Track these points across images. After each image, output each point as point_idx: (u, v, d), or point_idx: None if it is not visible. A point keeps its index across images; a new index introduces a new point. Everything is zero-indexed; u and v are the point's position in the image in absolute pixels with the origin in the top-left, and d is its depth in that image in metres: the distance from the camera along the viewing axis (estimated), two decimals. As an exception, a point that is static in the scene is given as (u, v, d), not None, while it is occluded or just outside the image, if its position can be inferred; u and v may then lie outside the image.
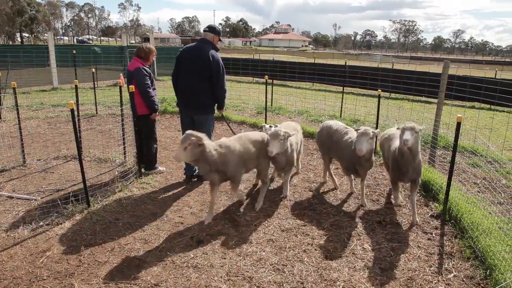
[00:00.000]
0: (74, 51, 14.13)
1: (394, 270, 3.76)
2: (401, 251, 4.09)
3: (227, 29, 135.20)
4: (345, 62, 16.64)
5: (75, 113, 4.70)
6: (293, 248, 4.07)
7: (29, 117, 9.87)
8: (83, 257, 3.83)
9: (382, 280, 3.59)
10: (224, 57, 23.36)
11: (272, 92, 11.61)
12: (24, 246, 4.02)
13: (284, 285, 3.48)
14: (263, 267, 3.74)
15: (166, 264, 3.75)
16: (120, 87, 6.19)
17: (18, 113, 6.52)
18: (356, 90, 15.87)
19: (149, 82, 5.73)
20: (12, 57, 15.63)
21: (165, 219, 4.65)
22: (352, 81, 15.18)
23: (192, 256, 3.90)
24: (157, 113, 5.94)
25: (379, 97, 7.30)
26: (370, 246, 4.18)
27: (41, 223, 4.44)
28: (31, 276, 3.55)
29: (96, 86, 11.36)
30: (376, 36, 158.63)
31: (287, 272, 3.66)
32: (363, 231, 4.48)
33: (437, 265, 3.87)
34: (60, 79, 16.32)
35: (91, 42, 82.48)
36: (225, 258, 3.86)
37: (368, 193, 5.55)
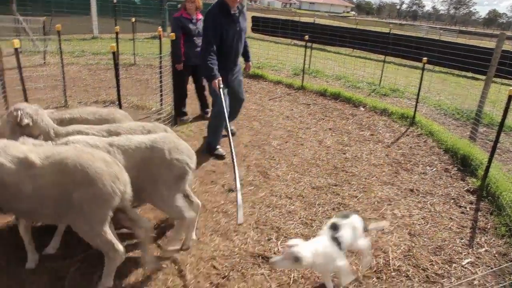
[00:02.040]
0: (115, 1, 14.15)
1: (423, 237, 3.71)
2: (432, 220, 4.02)
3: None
4: (390, 30, 15.94)
5: (116, 58, 4.71)
6: (322, 205, 4.08)
7: (71, 63, 10.10)
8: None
9: (409, 245, 3.56)
10: (264, 17, 22.90)
11: (310, 54, 11.34)
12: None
13: (311, 238, 3.50)
14: (291, 220, 3.78)
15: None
16: (160, 36, 6.20)
17: (61, 56, 6.66)
18: (399, 60, 15.28)
19: (180, 33, 5.75)
20: (55, 5, 15.85)
21: (197, 165, 4.73)
22: (395, 49, 14.57)
23: (223, 202, 3.98)
24: (180, 65, 5.90)
25: (423, 66, 6.98)
26: (400, 212, 4.12)
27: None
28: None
29: (134, 37, 11.41)
30: (424, 6, 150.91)
31: (315, 227, 3.69)
32: (395, 197, 4.42)
33: (468, 238, 3.78)
34: (100, 29, 16.52)
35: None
36: (254, 208, 3.92)
37: (402, 161, 5.43)
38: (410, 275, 3.19)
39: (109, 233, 2.56)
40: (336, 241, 2.74)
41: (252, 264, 3.14)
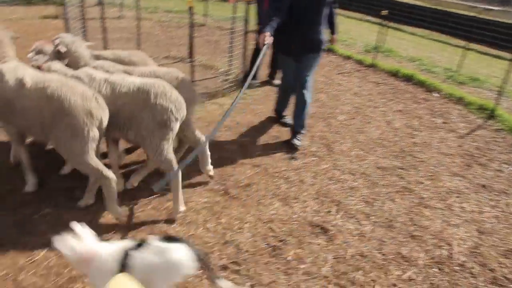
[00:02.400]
0: (193, -41, 14.15)
1: (494, 237, 3.45)
2: (505, 221, 3.72)
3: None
4: (477, 14, 14.65)
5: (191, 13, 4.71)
6: (386, 186, 3.91)
7: (144, 18, 10.32)
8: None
9: (477, 243, 3.33)
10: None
11: (385, 32, 10.75)
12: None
13: (372, 217, 3.39)
14: (352, 196, 3.67)
15: (259, 170, 3.85)
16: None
17: (138, 11, 6.79)
18: (483, 48, 14.12)
19: None
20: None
21: (262, 130, 4.71)
22: (480, 34, 13.36)
23: (285, 169, 3.94)
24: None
25: (513, 56, 6.35)
26: (470, 207, 3.86)
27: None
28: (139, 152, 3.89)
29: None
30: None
31: (376, 206, 3.55)
32: (465, 191, 4.14)
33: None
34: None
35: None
36: (316, 179, 3.85)
37: (476, 155, 5.06)
38: (475, 273, 2.99)
39: (95, 162, 2.75)
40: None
41: (309, 233, 3.10)
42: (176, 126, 2.93)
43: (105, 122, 2.78)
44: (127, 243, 2.01)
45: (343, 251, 2.96)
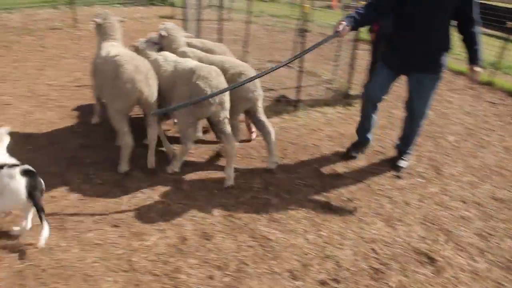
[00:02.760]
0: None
1: None
2: None
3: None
4: None
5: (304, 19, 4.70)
6: (504, 221, 3.51)
7: (250, 21, 10.64)
8: (287, 152, 4.09)
9: None
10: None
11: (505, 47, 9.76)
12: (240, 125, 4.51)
13: (487, 254, 3.06)
14: (464, 227, 3.35)
15: (362, 185, 3.71)
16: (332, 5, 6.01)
17: (248, 14, 7.00)
18: None
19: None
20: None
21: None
22: None
23: (388, 187, 3.75)
24: (373, 34, 5.31)
25: None
26: None
27: (255, 112, 4.89)
28: (243, 151, 4.01)
29: (311, 5, 11.36)
30: None
31: (493, 243, 3.20)
32: None
33: None
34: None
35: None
36: (422, 202, 3.59)
37: None
38: None
39: (124, 124, 3.35)
40: None
41: (414, 260, 2.90)
42: (209, 108, 3.23)
43: (146, 93, 3.28)
44: None
45: (452, 285, 2.71)
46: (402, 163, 4.09)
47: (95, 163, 3.57)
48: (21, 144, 3.77)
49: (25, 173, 2.46)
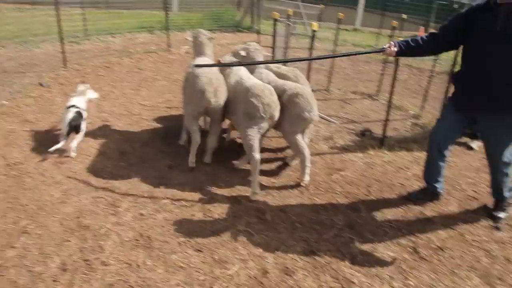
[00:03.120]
0: (387, -5, 14.06)
1: None
2: None
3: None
4: None
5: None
6: None
7: (332, 50, 10.61)
8: (373, 190, 3.91)
9: None
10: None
11: None
12: (323, 158, 4.45)
13: None
14: None
15: (454, 234, 3.40)
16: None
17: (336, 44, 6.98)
18: None
19: None
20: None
21: (456, 186, 4.21)
22: None
23: (486, 239, 3.39)
24: None
25: None
26: None
27: (338, 144, 4.78)
28: (326, 185, 3.91)
29: (399, 35, 11.07)
30: None
31: None
32: None
33: None
34: (363, 22, 16.87)
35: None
36: (528, 261, 3.20)
37: None
38: None
39: (194, 124, 3.90)
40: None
41: (519, 327, 2.56)
42: (262, 122, 3.56)
43: (212, 104, 3.74)
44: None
45: None
46: (500, 213, 3.69)
47: (182, 184, 3.70)
48: (116, 160, 4.04)
49: (76, 112, 4.08)
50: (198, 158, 4.18)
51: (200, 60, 4.09)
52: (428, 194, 3.83)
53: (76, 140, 4.05)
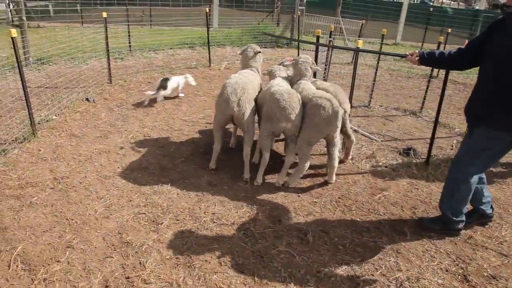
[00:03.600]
0: (431, 9, 13.73)
1: None
2: None
3: None
4: None
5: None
6: None
7: (373, 65, 10.44)
8: (418, 211, 3.74)
9: None
10: None
11: None
12: (365, 177, 4.31)
13: None
14: None
15: (508, 261, 3.17)
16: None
17: (378, 62, 6.84)
18: None
19: None
20: (373, 10, 16.80)
21: (510, 210, 3.94)
22: None
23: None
24: None
25: None
26: None
27: (381, 163, 4.63)
28: (369, 206, 3.77)
29: (438, 46, 10.72)
30: None
31: None
32: None
33: None
34: (404, 35, 16.54)
35: (432, 2, 79.37)
36: None
37: None
38: None
39: (218, 133, 4.17)
40: None
41: None
42: (277, 124, 3.80)
43: (236, 113, 3.95)
44: None
45: None
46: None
47: (222, 202, 3.68)
48: (157, 176, 4.10)
49: (165, 79, 6.40)
50: (238, 174, 4.18)
51: (242, 73, 4.35)
52: (475, 216, 3.60)
53: (163, 93, 6.35)
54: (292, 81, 4.41)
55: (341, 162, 4.52)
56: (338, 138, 3.93)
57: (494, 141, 3.04)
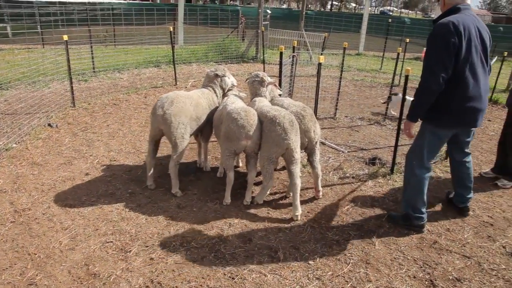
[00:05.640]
0: (390, 20, 14.25)
1: None
2: None
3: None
4: None
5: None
6: None
7: (337, 76, 10.68)
8: (385, 221, 3.83)
9: None
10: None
11: None
12: (333, 189, 4.38)
13: None
14: None
15: (471, 263, 3.29)
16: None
17: (341, 72, 7.02)
18: None
19: None
20: (335, 23, 17.27)
21: (471, 213, 4.10)
22: None
23: (504, 267, 3.27)
24: None
25: None
26: None
27: (348, 174, 4.72)
28: (338, 218, 3.84)
29: (404, 58, 11.14)
30: None
31: None
32: None
33: None
34: (366, 46, 17.06)
35: (391, 13, 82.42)
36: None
37: None
38: None
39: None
40: None
41: None
42: (237, 143, 3.80)
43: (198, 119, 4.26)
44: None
45: None
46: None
47: (191, 224, 3.65)
48: (125, 201, 4.02)
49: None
50: (208, 195, 4.17)
51: (193, 90, 4.61)
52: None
53: None
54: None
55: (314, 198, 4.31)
56: (298, 154, 3.78)
57: (431, 137, 3.51)
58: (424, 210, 3.67)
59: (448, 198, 4.23)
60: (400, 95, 6.49)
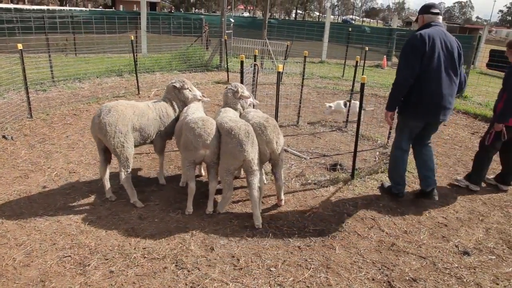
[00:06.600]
0: (350, 29, 14.68)
1: None
2: None
3: (509, 18, 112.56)
4: None
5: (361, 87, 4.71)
6: None
7: (300, 84, 10.89)
8: (345, 225, 3.93)
9: None
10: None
11: None
12: (295, 196, 4.46)
13: None
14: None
15: (426, 263, 3.44)
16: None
17: (303, 80, 7.17)
18: None
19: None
20: (297, 32, 17.61)
21: (427, 214, 4.29)
22: None
23: (456, 265, 3.45)
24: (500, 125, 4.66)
25: None
26: None
27: (310, 181, 4.82)
28: (300, 224, 3.91)
29: (364, 65, 11.50)
30: None
31: None
32: None
33: None
34: (328, 54, 17.48)
35: (353, 22, 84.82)
36: (497, 284, 3.25)
37: None
38: None
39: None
40: None
41: None
42: (195, 152, 3.82)
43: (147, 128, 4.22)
44: None
45: None
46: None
47: (153, 235, 3.61)
48: (84, 213, 3.93)
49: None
50: (170, 206, 4.14)
51: (147, 102, 4.54)
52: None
53: None
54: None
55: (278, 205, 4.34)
56: (256, 166, 3.76)
57: (404, 126, 4.33)
58: (400, 182, 4.51)
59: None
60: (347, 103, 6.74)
